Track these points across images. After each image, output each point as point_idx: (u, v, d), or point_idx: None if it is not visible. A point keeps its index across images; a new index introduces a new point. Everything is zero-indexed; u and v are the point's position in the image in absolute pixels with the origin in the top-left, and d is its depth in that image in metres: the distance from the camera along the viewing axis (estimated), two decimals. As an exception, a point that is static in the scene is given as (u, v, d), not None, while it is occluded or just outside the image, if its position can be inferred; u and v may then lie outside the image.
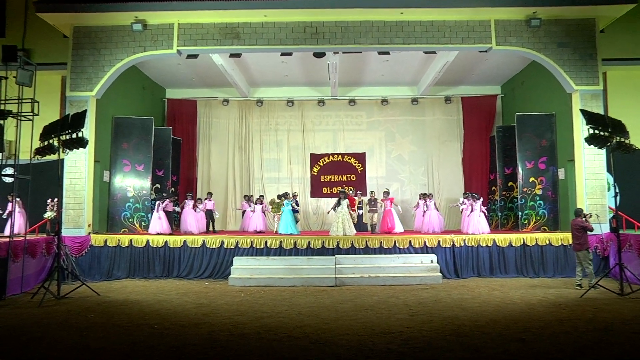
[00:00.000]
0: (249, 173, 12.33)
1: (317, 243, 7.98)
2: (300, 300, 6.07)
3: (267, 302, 5.89)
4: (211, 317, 5.01)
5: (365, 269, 7.46)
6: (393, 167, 12.32)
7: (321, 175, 12.32)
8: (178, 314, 5.18)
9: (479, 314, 5.07)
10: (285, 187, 12.12)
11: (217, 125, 12.47)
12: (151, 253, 8.08)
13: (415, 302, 5.78)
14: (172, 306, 5.64)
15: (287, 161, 12.40)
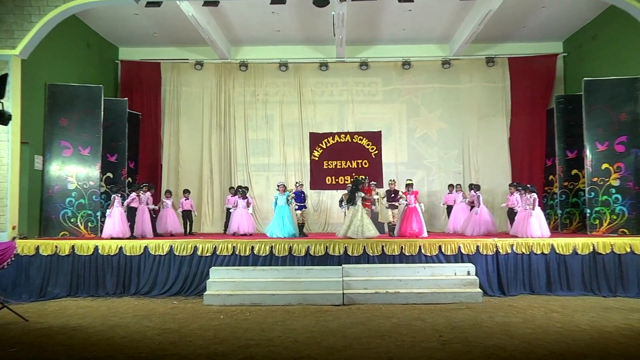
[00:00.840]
0: (231, 158, 12.31)
1: (319, 249, 7.92)
2: (297, 323, 6.06)
3: (253, 327, 5.85)
4: (180, 347, 4.91)
5: (381, 282, 7.46)
6: (417, 151, 12.26)
7: (324, 161, 12.31)
8: (136, 343, 5.06)
9: (532, 343, 4.93)
10: (278, 175, 12.10)
11: (188, 95, 12.41)
12: (101, 263, 8.02)
13: (447, 327, 5.72)
14: (129, 333, 5.54)
15: (279, 143, 12.37)
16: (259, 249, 7.97)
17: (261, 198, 12.17)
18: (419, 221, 9.19)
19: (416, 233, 9.05)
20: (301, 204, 9.54)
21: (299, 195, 9.62)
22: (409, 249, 7.90)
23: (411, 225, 9.15)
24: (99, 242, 8.12)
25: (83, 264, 7.98)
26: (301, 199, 9.58)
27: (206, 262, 8.00)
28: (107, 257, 8.01)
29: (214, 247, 8.02)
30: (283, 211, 9.34)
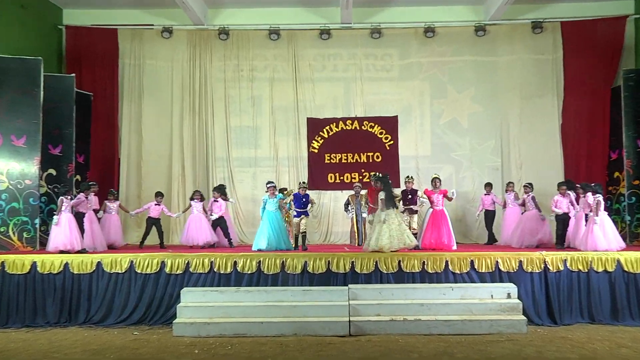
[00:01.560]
0: (208, 151, 12.35)
1: (319, 264, 7.88)
2: (292, 359, 6.02)
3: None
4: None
5: (398, 307, 7.41)
6: (443, 141, 12.26)
7: (325, 154, 12.35)
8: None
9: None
10: (267, 173, 12.09)
11: (154, 71, 12.41)
12: (40, 284, 7.93)
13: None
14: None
15: (269, 131, 12.38)
16: (244, 264, 7.91)
17: (246, 200, 12.15)
18: (447, 229, 9.10)
19: (443, 245, 8.97)
20: (302, 210, 9.43)
21: (299, 199, 9.49)
22: (433, 265, 7.85)
23: (437, 235, 9.06)
24: (38, 257, 8.02)
25: (16, 285, 7.87)
26: (302, 203, 9.47)
27: (176, 281, 7.94)
28: (49, 276, 7.91)
29: (186, 262, 7.96)
30: (273, 219, 9.24)
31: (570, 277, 7.81)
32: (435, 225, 9.14)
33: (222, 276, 7.91)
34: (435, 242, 9.01)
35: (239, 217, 12.04)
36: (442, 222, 9.12)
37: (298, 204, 9.45)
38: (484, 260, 7.86)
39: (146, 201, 10.88)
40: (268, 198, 9.37)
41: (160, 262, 7.96)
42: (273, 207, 9.33)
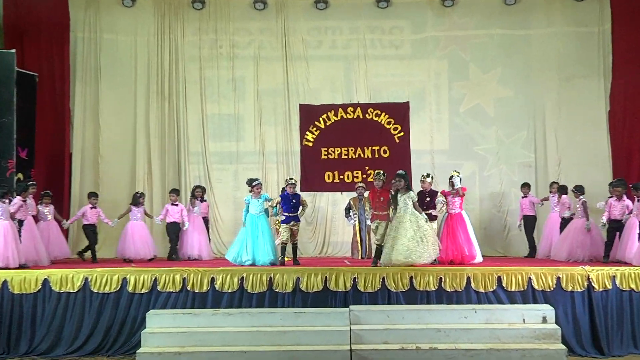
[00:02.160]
0: (179, 144, 12.36)
1: (314, 281, 7.82)
2: None
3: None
4: None
5: (410, 333, 7.35)
6: (464, 132, 12.29)
7: (322, 148, 12.38)
8: None
9: None
10: (251, 170, 12.02)
11: (113, 47, 12.38)
12: (-31, 308, 7.83)
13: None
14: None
15: (253, 120, 12.40)
16: (223, 281, 7.84)
17: (226, 203, 12.15)
18: (466, 237, 9.06)
19: (464, 257, 8.91)
20: (292, 214, 9.30)
21: (287, 200, 9.36)
22: (453, 282, 7.81)
23: (455, 244, 9.02)
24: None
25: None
26: (292, 205, 9.33)
27: (141, 302, 7.88)
28: (-19, 296, 7.87)
29: (153, 279, 7.89)
30: (256, 225, 9.07)
31: (620, 297, 7.77)
32: (453, 232, 9.11)
33: (197, 296, 7.85)
34: (454, 253, 8.95)
35: (217, 224, 12.02)
36: (460, 229, 9.10)
37: (287, 206, 9.31)
38: (514, 277, 7.80)
39: (103, 206, 10.78)
40: (251, 199, 9.23)
41: (121, 278, 7.89)
42: (257, 209, 9.12)
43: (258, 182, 9.30)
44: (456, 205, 9.23)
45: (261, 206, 9.18)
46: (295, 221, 9.33)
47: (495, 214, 11.72)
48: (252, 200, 9.18)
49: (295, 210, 9.35)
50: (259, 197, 9.19)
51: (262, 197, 9.23)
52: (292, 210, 9.30)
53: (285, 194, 9.52)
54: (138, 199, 10.55)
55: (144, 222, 10.63)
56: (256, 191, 9.20)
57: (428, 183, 9.58)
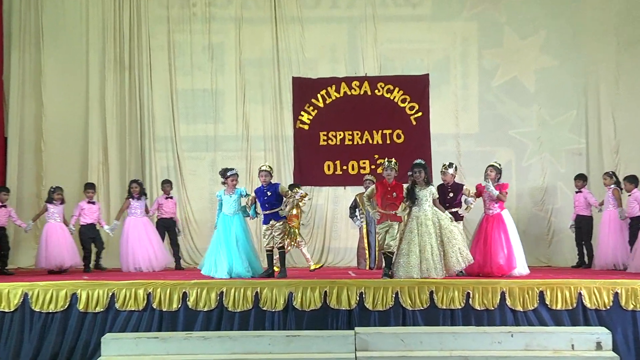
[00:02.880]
0: (142, 126, 12.41)
1: (311, 298, 7.81)
2: None
3: None
4: None
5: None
6: (498, 111, 12.35)
7: (320, 131, 12.46)
8: None
9: None
10: (232, 160, 12.08)
11: (59, 5, 12.38)
12: None
13: None
14: None
15: (235, 97, 12.47)
16: (197, 298, 7.84)
17: (201, 201, 12.25)
18: (506, 243, 8.96)
19: (498, 267, 8.84)
20: (269, 212, 9.13)
21: (261, 194, 9.17)
22: (483, 299, 7.80)
23: (489, 252, 8.96)
24: None
25: None
26: (266, 200, 9.14)
27: (95, 323, 7.88)
28: None
29: (109, 294, 7.89)
30: (229, 227, 9.00)
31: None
32: (488, 237, 9.03)
33: (166, 315, 7.85)
34: (486, 262, 8.88)
35: (190, 227, 12.08)
36: (498, 234, 9.01)
37: (261, 201, 9.06)
38: (560, 292, 7.77)
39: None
40: (223, 194, 9.13)
41: (70, 294, 7.87)
42: (230, 208, 9.00)
43: (233, 173, 9.09)
44: (494, 204, 9.13)
45: (235, 204, 9.01)
46: (276, 219, 9.03)
47: (536, 214, 11.73)
48: (225, 195, 9.06)
49: (272, 206, 9.03)
50: (233, 192, 9.09)
51: (236, 192, 9.06)
52: (268, 205, 9.01)
53: (259, 188, 9.16)
54: (52, 194, 10.50)
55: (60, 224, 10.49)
56: (230, 184, 9.06)
57: (450, 175, 9.44)
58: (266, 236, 9.06)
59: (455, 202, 9.36)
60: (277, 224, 8.98)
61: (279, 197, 8.99)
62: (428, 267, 8.29)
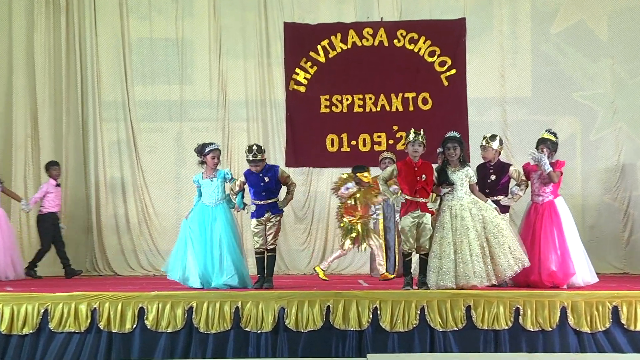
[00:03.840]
0: (84, 87, 12.47)
1: (309, 314, 7.80)
2: None
3: None
4: None
5: None
6: (558, 67, 12.40)
7: (321, 95, 12.56)
8: None
9: None
10: (205, 132, 12.19)
11: None
12: None
13: None
14: None
15: (208, 48, 12.58)
16: (159, 315, 7.85)
17: (164, 187, 12.34)
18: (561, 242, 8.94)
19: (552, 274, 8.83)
20: (265, 202, 9.12)
21: (255, 179, 9.16)
22: (537, 316, 7.78)
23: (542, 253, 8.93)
24: None
25: None
26: (263, 187, 9.13)
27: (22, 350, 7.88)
28: None
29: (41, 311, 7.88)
30: (209, 219, 8.97)
31: None
32: (535, 234, 9.07)
33: (116, 338, 7.86)
34: (533, 268, 8.82)
35: (149, 222, 12.23)
36: (550, 229, 9.02)
37: (255, 188, 9.10)
38: (639, 306, 7.86)
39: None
40: (202, 178, 9.11)
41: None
42: (212, 196, 8.97)
43: (213, 148, 9.01)
44: (546, 189, 9.12)
45: (219, 190, 9.00)
46: (273, 212, 9.08)
47: (608, 204, 11.74)
48: (204, 180, 9.05)
49: (270, 194, 9.08)
50: (214, 176, 9.07)
51: (219, 174, 9.03)
52: (264, 194, 9.06)
53: (248, 172, 9.08)
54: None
55: None
56: (210, 163, 9.01)
57: (494, 151, 9.38)
58: (258, 234, 9.00)
59: (498, 187, 9.28)
60: (274, 219, 9.01)
61: (278, 183, 9.05)
62: (466, 273, 8.24)
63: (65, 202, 12.13)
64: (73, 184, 12.25)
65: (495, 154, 9.35)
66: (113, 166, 12.40)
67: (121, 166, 12.35)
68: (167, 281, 9.34)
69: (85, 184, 12.18)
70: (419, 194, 8.37)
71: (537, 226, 8.99)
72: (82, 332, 7.86)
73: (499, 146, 9.40)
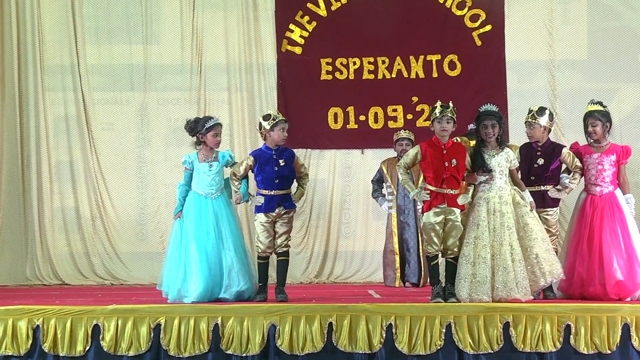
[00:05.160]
0: (22, 47, 12.53)
1: (307, 334, 7.82)
2: None
3: None
4: None
5: None
6: (622, 23, 12.47)
7: (321, 57, 12.64)
8: None
9: None
10: (177, 105, 12.43)
11: None
12: None
13: None
14: None
15: (180, 3, 12.58)
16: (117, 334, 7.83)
17: (123, 175, 12.42)
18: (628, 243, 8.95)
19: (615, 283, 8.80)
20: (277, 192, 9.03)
21: (269, 161, 9.06)
22: (592, 336, 7.81)
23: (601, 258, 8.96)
24: None
25: None
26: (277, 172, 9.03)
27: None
28: None
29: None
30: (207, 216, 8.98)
31: None
32: (594, 235, 9.09)
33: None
34: (592, 277, 8.90)
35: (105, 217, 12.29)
36: (613, 229, 9.04)
37: (266, 174, 8.95)
38: None
39: None
40: (197, 160, 9.14)
41: None
42: (213, 185, 8.92)
43: (216, 122, 8.90)
44: (605, 178, 9.23)
45: (218, 177, 8.99)
46: (287, 207, 9.05)
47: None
48: (201, 164, 9.02)
49: (284, 183, 9.06)
50: (215, 158, 9.07)
51: (222, 156, 9.06)
52: (278, 182, 9.02)
53: (263, 149, 9.29)
54: None
55: None
56: (212, 143, 8.91)
57: (542, 128, 9.36)
58: (264, 233, 8.96)
59: (547, 174, 9.28)
60: (286, 215, 9.01)
61: (292, 171, 9.05)
62: (507, 283, 8.24)
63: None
64: (8, 170, 12.23)
65: (544, 132, 9.28)
66: (59, 148, 12.43)
67: (70, 147, 12.38)
68: (128, 292, 9.39)
69: (23, 170, 12.20)
70: (447, 184, 8.29)
71: (595, 224, 8.95)
72: (22, 356, 7.87)
73: (549, 122, 9.32)
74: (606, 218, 8.95)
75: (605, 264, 8.74)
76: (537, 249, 8.35)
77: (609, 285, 8.62)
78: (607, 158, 8.94)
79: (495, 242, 8.31)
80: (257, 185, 8.96)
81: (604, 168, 8.98)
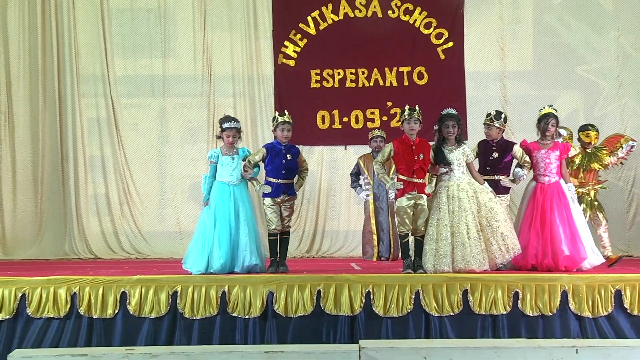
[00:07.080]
0: (61, 60, 12.38)
1: (299, 299, 7.81)
2: None
3: None
4: None
5: None
6: (561, 39, 12.36)
7: (311, 69, 12.58)
8: None
9: None
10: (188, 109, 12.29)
11: None
12: None
13: None
14: None
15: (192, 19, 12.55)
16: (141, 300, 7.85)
17: (146, 166, 12.36)
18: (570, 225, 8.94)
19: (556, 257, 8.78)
20: (283, 181, 8.89)
21: (277, 155, 8.94)
22: (537, 301, 7.83)
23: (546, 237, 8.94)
24: None
25: None
26: (284, 165, 8.90)
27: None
28: None
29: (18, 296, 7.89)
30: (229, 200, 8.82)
31: None
32: (545, 216, 9.02)
33: (97, 324, 7.86)
34: (546, 252, 8.86)
35: (131, 201, 12.26)
36: (560, 211, 8.98)
37: (274, 165, 8.84)
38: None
39: None
40: (221, 154, 8.95)
41: None
42: (235, 175, 8.81)
43: (231, 126, 8.81)
44: (552, 170, 9.10)
45: (239, 168, 8.85)
46: (289, 194, 9.03)
47: (612, 184, 11.58)
48: (224, 157, 8.91)
49: (289, 174, 9.01)
50: (236, 152, 8.95)
51: (242, 151, 8.93)
52: (284, 173, 8.92)
53: (274, 143, 9.04)
54: None
55: None
56: (225, 140, 8.88)
57: (497, 129, 9.37)
58: (273, 213, 8.94)
59: (501, 165, 9.31)
60: (288, 202, 9.04)
61: (297, 165, 9.04)
62: (465, 256, 8.29)
63: (42, 182, 12.19)
64: (49, 163, 12.22)
65: (499, 132, 9.35)
66: (92, 144, 12.38)
67: (101, 144, 12.34)
68: (150, 264, 9.37)
69: (62, 163, 12.16)
70: (417, 174, 8.38)
71: (546, 208, 8.99)
72: (62, 318, 7.85)
73: (503, 124, 9.42)
74: (555, 203, 9.01)
75: (555, 241, 8.79)
76: (502, 229, 8.41)
77: (560, 258, 8.67)
78: (553, 153, 9.01)
79: (454, 223, 8.35)
80: (267, 174, 8.96)
81: (550, 161, 9.01)
